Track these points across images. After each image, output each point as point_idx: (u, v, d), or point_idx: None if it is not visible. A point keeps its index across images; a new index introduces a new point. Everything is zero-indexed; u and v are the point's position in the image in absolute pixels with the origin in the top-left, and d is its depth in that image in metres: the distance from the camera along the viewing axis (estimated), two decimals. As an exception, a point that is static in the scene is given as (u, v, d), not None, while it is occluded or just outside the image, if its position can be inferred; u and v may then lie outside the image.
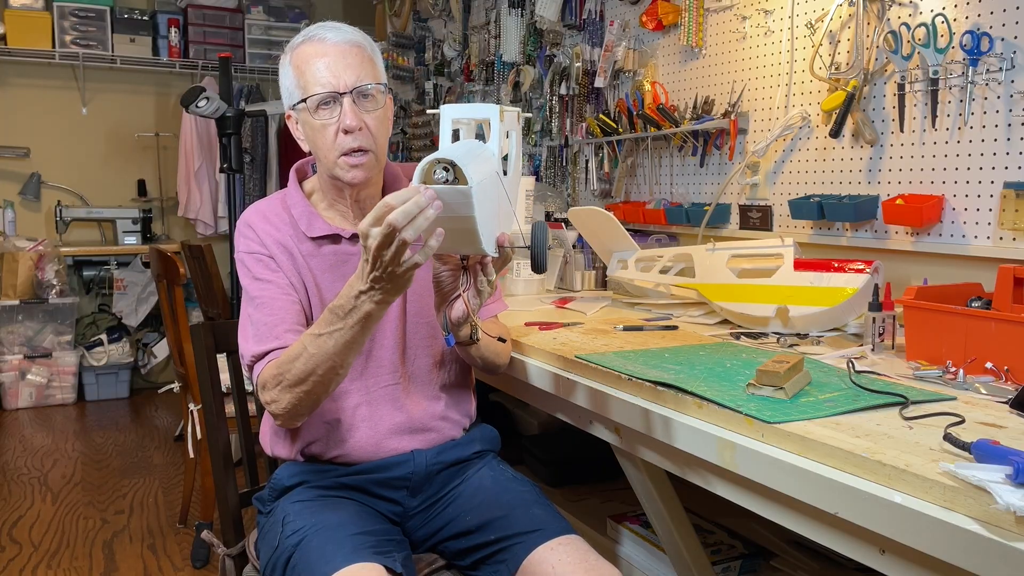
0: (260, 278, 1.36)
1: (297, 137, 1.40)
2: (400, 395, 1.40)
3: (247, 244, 1.39)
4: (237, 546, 1.49)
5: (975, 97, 1.70)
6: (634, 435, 1.28)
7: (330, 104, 1.31)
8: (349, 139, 1.31)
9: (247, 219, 1.41)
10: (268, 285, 1.35)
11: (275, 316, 1.33)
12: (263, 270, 1.37)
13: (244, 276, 1.39)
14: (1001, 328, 1.25)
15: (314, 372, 1.20)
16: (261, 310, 1.33)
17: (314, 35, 1.35)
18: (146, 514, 3.03)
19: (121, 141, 5.03)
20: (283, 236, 1.39)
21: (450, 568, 1.40)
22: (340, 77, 1.31)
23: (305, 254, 1.39)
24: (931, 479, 0.84)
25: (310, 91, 1.31)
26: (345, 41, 1.34)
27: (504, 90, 3.49)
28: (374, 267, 1.06)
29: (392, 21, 4.63)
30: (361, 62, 1.34)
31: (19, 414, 4.37)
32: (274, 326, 1.32)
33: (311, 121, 1.33)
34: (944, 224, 1.78)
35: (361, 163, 1.33)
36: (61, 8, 4.65)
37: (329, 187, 1.41)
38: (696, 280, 1.86)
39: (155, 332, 4.89)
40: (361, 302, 1.12)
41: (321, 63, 1.31)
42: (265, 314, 1.33)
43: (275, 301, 1.34)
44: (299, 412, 1.27)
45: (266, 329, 1.32)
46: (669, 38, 2.60)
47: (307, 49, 1.34)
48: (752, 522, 1.86)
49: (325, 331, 1.17)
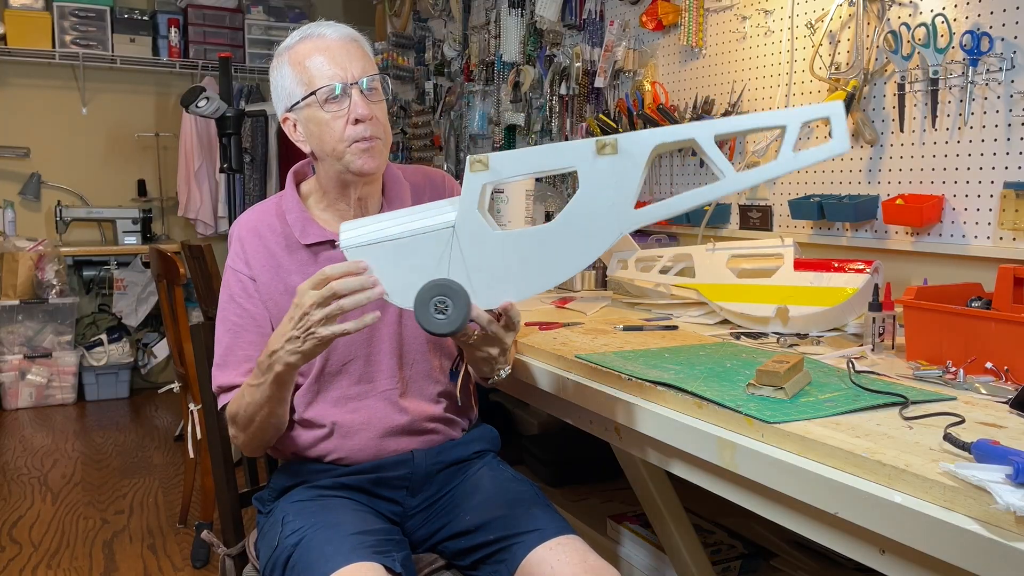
0: (237, 301, 1.39)
1: (296, 140, 1.38)
2: (399, 398, 1.40)
3: (234, 259, 1.41)
4: (237, 546, 1.49)
5: (975, 97, 1.70)
6: (634, 435, 1.28)
7: (338, 97, 1.31)
8: (361, 128, 1.31)
9: (239, 233, 1.42)
10: (244, 313, 1.39)
11: (242, 350, 1.37)
12: (241, 293, 1.39)
13: (224, 288, 1.42)
14: (1001, 328, 1.25)
15: (255, 417, 1.29)
16: (232, 336, 1.38)
17: (311, 33, 1.35)
18: (146, 514, 3.03)
19: (121, 141, 5.03)
20: (275, 249, 1.39)
21: (450, 568, 1.40)
22: (347, 69, 1.31)
23: (298, 263, 1.38)
24: (931, 479, 0.83)
25: (317, 85, 1.31)
26: (345, 35, 1.35)
27: (504, 90, 3.49)
28: (295, 325, 1.14)
29: (392, 21, 4.63)
30: (363, 55, 1.35)
31: (19, 414, 4.37)
32: (240, 362, 1.36)
33: (318, 115, 1.32)
34: (944, 224, 1.78)
35: (373, 147, 1.33)
36: (61, 8, 4.65)
37: (333, 185, 1.39)
38: (696, 280, 1.86)
39: (155, 332, 4.89)
40: (274, 359, 1.20)
41: (324, 57, 1.32)
42: (233, 342, 1.38)
43: (246, 332, 1.38)
44: (255, 448, 1.37)
45: (233, 360, 1.37)
46: (669, 38, 2.60)
47: (306, 46, 1.34)
48: (752, 522, 1.86)
49: (254, 383, 1.27)
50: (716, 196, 1.07)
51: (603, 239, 1.07)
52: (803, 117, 1.04)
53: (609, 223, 1.06)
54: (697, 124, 1.05)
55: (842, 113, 1.03)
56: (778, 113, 1.07)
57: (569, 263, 1.09)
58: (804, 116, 1.04)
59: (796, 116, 1.03)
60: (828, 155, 1.02)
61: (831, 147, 1.01)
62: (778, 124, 1.04)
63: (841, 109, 1.03)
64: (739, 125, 1.06)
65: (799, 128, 1.03)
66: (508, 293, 1.12)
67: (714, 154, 1.05)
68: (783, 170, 1.04)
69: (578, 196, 1.07)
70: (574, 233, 1.07)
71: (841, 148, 1.01)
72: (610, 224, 1.06)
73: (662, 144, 1.05)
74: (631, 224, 1.06)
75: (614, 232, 1.06)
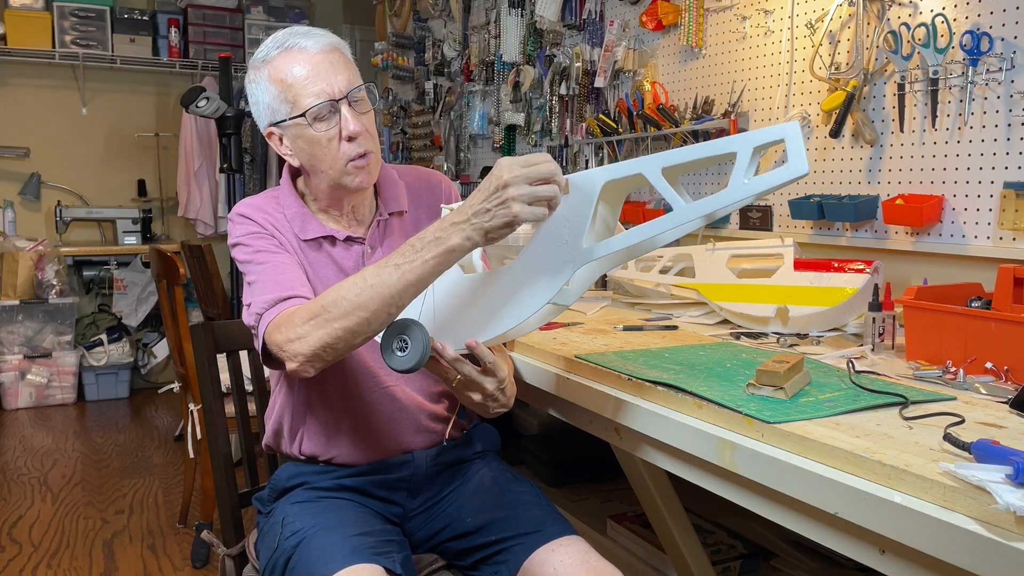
0: (265, 250, 1.30)
1: (282, 153, 1.34)
2: (400, 397, 1.39)
3: (245, 228, 1.33)
4: (237, 546, 1.49)
5: (975, 97, 1.70)
6: (634, 435, 1.28)
7: (327, 114, 1.27)
8: (354, 146, 1.28)
9: (241, 211, 1.35)
10: (275, 255, 1.30)
11: (291, 277, 1.27)
12: (267, 244, 1.31)
13: (244, 254, 1.31)
14: (1001, 328, 1.25)
15: (365, 307, 1.10)
16: (275, 271, 1.27)
17: (289, 44, 1.28)
18: (146, 514, 3.03)
19: (121, 141, 5.03)
20: (278, 228, 1.35)
21: (450, 568, 1.40)
22: (333, 84, 1.26)
23: (299, 250, 1.35)
24: (931, 479, 0.84)
25: (304, 104, 1.26)
26: (325, 46, 1.29)
27: (504, 90, 3.49)
28: (488, 197, 1.04)
29: (392, 21, 4.63)
30: (346, 64, 1.30)
31: (19, 414, 4.37)
32: (292, 282, 1.25)
33: (308, 134, 1.27)
34: (944, 224, 1.78)
35: (368, 165, 1.31)
36: (61, 8, 4.66)
37: (326, 195, 1.37)
38: (696, 280, 1.86)
39: (155, 332, 4.89)
40: (450, 232, 1.06)
41: (307, 72, 1.26)
42: (279, 273, 1.26)
43: (286, 266, 1.28)
44: (326, 354, 1.15)
45: (285, 283, 1.25)
46: (669, 38, 2.60)
47: (285, 60, 1.27)
48: (752, 522, 1.86)
49: (393, 263, 1.09)
50: (665, 228, 1.05)
51: (561, 274, 1.09)
52: (754, 142, 1.00)
53: (565, 259, 1.09)
54: (645, 158, 1.06)
55: (798, 134, 0.97)
56: (728, 139, 1.03)
57: (531, 299, 1.12)
58: (756, 141, 1.00)
59: (747, 141, 1.01)
60: (786, 179, 0.98)
61: (789, 170, 0.97)
62: (728, 151, 1.02)
63: (797, 129, 0.98)
64: (687, 156, 1.05)
65: (751, 154, 1.00)
66: (473, 332, 1.17)
67: (662, 187, 1.05)
68: (735, 198, 1.01)
69: (536, 236, 1.11)
70: (533, 270, 1.11)
71: (799, 171, 0.97)
72: (566, 259, 1.09)
73: (611, 180, 1.07)
74: (584, 258, 1.08)
75: (570, 267, 1.09)
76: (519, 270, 1.13)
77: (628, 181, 1.09)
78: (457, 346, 1.18)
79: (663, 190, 1.05)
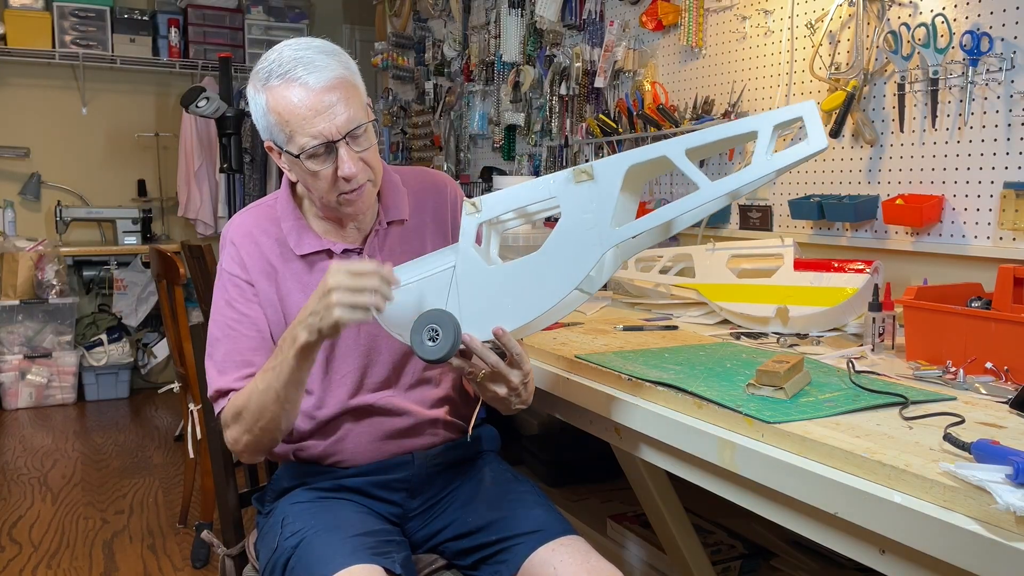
0: (235, 305, 1.34)
1: (280, 165, 1.32)
2: (400, 400, 1.39)
3: (229, 263, 1.36)
4: (237, 546, 1.49)
5: (975, 97, 1.70)
6: (634, 435, 1.28)
7: (323, 153, 1.22)
8: (349, 184, 1.25)
9: (232, 236, 1.36)
10: (242, 318, 1.33)
11: (241, 355, 1.32)
12: (239, 297, 1.34)
13: (220, 293, 1.36)
14: (1001, 328, 1.25)
15: (267, 408, 1.23)
16: (231, 340, 1.33)
17: (292, 76, 1.21)
18: (146, 514, 3.03)
19: (121, 141, 5.03)
20: (269, 255, 1.35)
21: (450, 568, 1.40)
22: (332, 124, 1.21)
23: (293, 272, 1.35)
24: (931, 479, 0.84)
25: (299, 143, 1.21)
26: (328, 81, 1.21)
27: (504, 90, 3.49)
28: (318, 300, 1.13)
29: (392, 21, 4.63)
30: (348, 98, 1.23)
31: (19, 414, 4.37)
32: (239, 366, 1.31)
33: (302, 166, 1.25)
34: (944, 224, 1.78)
35: (362, 197, 1.29)
36: (61, 8, 4.66)
37: (323, 209, 1.35)
38: (696, 280, 1.86)
39: (155, 332, 4.89)
40: (298, 331, 1.16)
41: (307, 111, 1.20)
42: (232, 346, 1.32)
43: (245, 338, 1.33)
44: (258, 448, 1.30)
45: (232, 365, 1.31)
46: (669, 38, 2.60)
47: (286, 94, 1.21)
48: (752, 522, 1.86)
49: (270, 366, 1.22)
50: (692, 207, 1.08)
51: (588, 259, 1.11)
52: (774, 120, 1.04)
53: (591, 243, 1.10)
54: (668, 141, 1.08)
55: (815, 111, 1.02)
56: (750, 119, 1.06)
57: (557, 286, 1.13)
58: (776, 119, 1.04)
59: (767, 120, 1.03)
60: (806, 154, 1.02)
61: (808, 146, 1.01)
62: (750, 130, 1.05)
63: (814, 108, 1.02)
64: (710, 136, 1.07)
65: (771, 132, 1.03)
66: (500, 320, 1.17)
67: (687, 168, 1.07)
68: (758, 174, 1.04)
69: (561, 223, 1.13)
70: (560, 258, 1.13)
71: (819, 145, 1.01)
72: (592, 244, 1.10)
73: (635, 164, 1.08)
74: (612, 240, 1.10)
75: (597, 251, 1.10)
76: (545, 258, 1.14)
77: (650, 168, 1.11)
78: (484, 337, 1.18)
79: (688, 171, 1.06)
